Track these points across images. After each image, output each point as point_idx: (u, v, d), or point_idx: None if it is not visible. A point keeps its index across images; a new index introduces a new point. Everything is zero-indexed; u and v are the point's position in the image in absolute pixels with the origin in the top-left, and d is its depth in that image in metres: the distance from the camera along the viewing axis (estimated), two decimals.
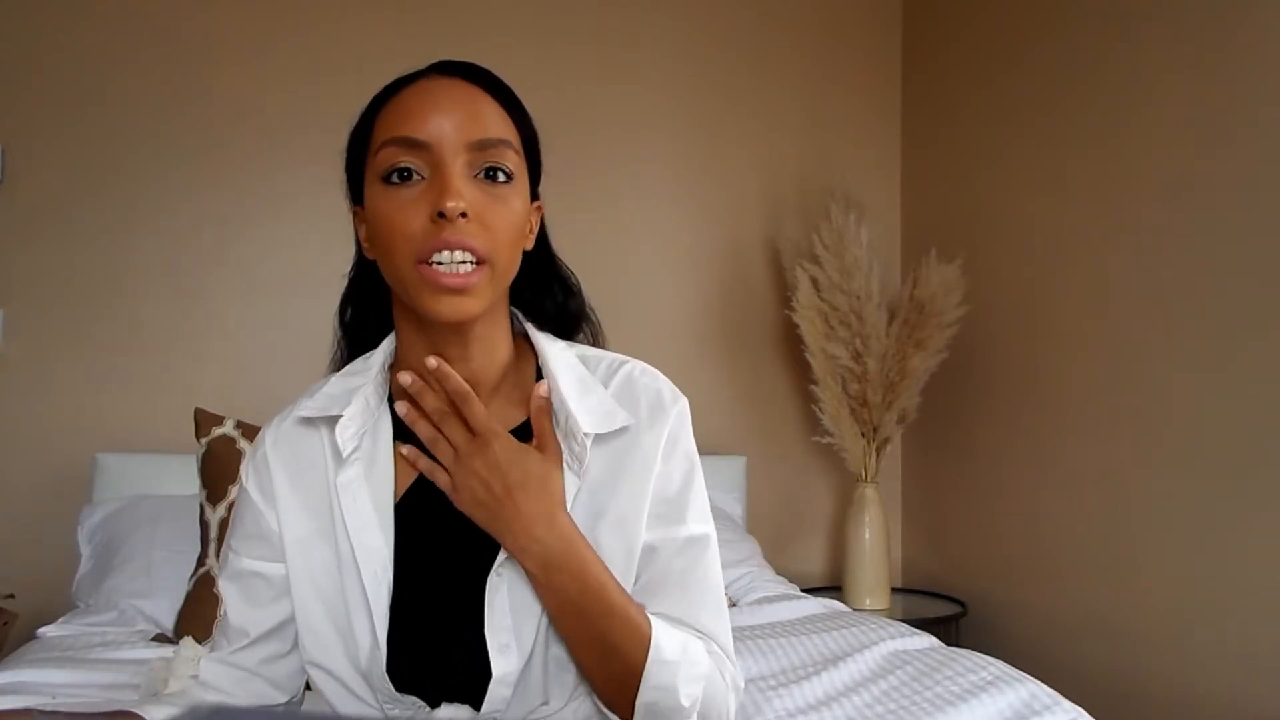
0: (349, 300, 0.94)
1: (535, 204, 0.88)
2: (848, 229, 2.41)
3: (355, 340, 0.94)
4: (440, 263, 0.75)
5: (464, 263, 0.75)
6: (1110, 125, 2.09)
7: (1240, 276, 1.78)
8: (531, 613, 0.81)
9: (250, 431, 1.84)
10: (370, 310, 0.92)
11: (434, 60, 0.85)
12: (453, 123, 0.77)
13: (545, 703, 0.83)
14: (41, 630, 1.70)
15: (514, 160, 0.80)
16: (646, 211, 2.59)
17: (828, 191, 2.60)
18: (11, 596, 1.85)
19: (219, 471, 1.79)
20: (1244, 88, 1.78)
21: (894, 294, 2.55)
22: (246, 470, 0.89)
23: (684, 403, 0.89)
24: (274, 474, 0.87)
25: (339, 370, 0.92)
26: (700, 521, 0.86)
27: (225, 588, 0.89)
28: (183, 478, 1.92)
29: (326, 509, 0.85)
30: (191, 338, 2.22)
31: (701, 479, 0.88)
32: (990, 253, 2.46)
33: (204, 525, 1.78)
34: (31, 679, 1.43)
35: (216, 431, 1.83)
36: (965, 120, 2.60)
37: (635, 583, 0.84)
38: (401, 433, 0.86)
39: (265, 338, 2.26)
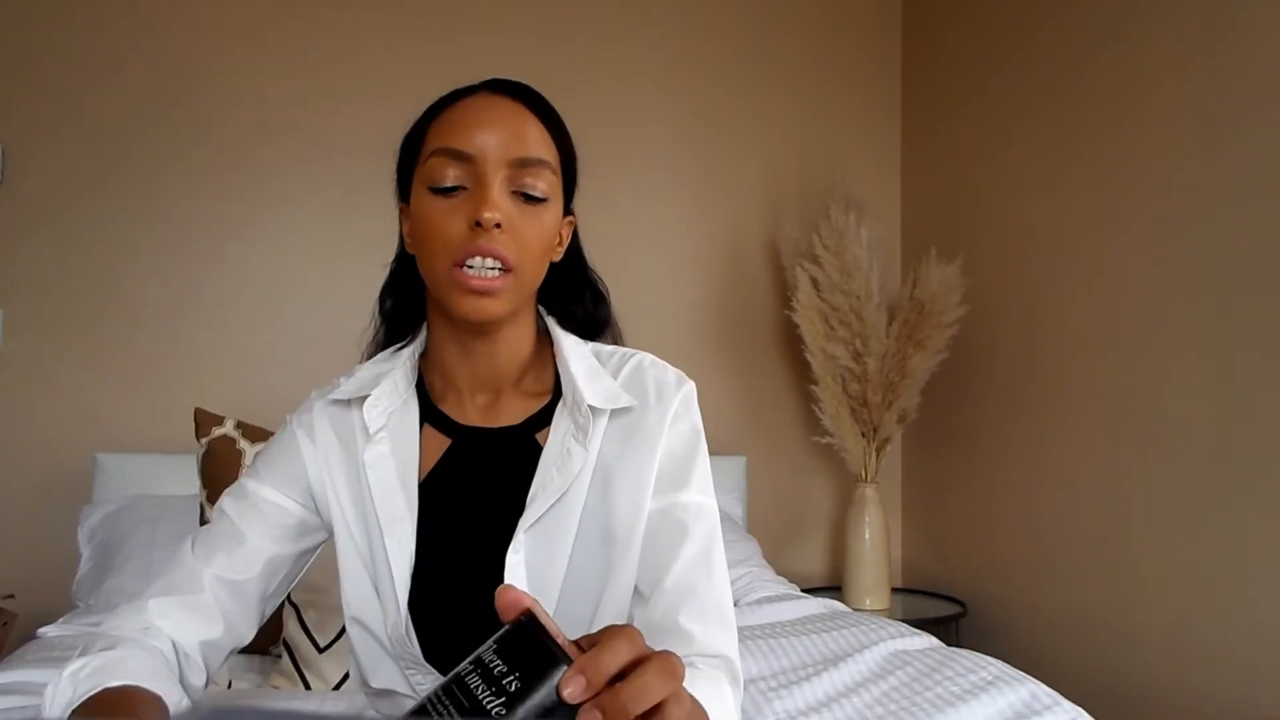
0: (389, 290, 0.99)
1: (568, 219, 0.94)
2: (848, 229, 2.41)
3: (392, 326, 1.00)
4: (472, 266, 0.81)
5: (493, 269, 0.82)
6: (1110, 125, 2.09)
7: (1240, 276, 1.78)
8: (549, 592, 0.86)
9: (250, 431, 1.84)
10: (408, 300, 0.97)
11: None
12: (498, 139, 0.84)
13: None
14: (41, 630, 1.70)
15: (550, 179, 0.86)
16: (646, 211, 2.59)
17: (828, 191, 2.60)
18: (11, 596, 1.85)
19: (219, 471, 1.79)
20: (1244, 87, 1.78)
21: (894, 294, 2.55)
22: (296, 419, 0.95)
23: (690, 385, 0.94)
24: (320, 433, 0.93)
25: (376, 350, 0.99)
26: (702, 492, 0.90)
27: (229, 505, 0.92)
28: (183, 478, 1.92)
29: (359, 483, 0.90)
30: (191, 338, 2.22)
31: (705, 454, 0.92)
32: (990, 253, 2.46)
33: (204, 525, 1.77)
34: (31, 679, 1.42)
35: (216, 431, 1.83)
36: (965, 120, 2.60)
37: (642, 548, 0.87)
38: (428, 414, 0.92)
39: (265, 338, 2.26)
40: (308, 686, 1.50)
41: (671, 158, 2.63)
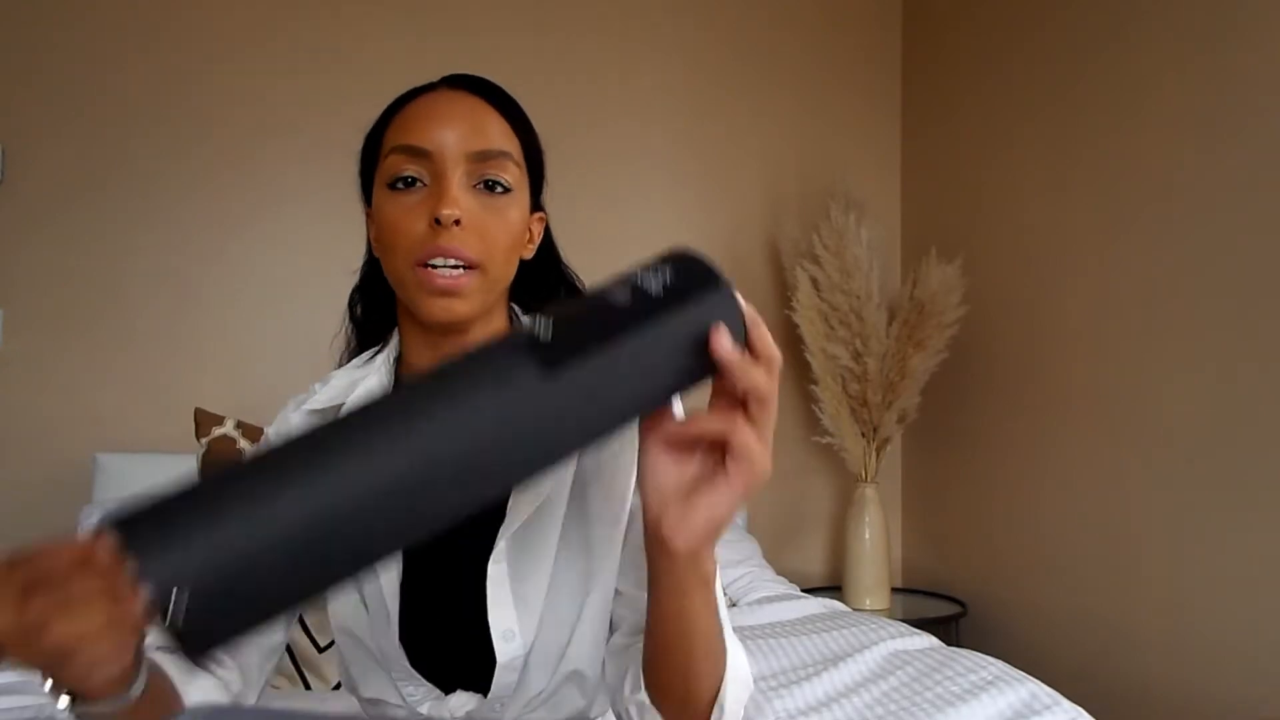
0: (359, 294, 0.98)
1: (537, 214, 0.91)
2: (848, 229, 2.41)
3: (364, 332, 0.98)
4: (435, 266, 0.79)
5: (456, 267, 0.79)
6: (1110, 124, 2.09)
7: (1240, 276, 1.78)
8: (534, 599, 0.84)
9: (250, 431, 1.84)
10: (378, 304, 0.95)
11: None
12: (456, 134, 0.81)
13: (542, 690, 0.86)
14: None
15: (513, 172, 0.83)
16: (646, 211, 2.59)
17: (828, 191, 2.60)
18: None
19: None
20: (1246, 86, 1.78)
21: (894, 294, 2.55)
22: (274, 431, 0.93)
23: None
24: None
25: (350, 357, 0.97)
26: None
27: None
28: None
29: None
30: (191, 338, 2.22)
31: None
32: (990, 253, 2.46)
33: None
34: (32, 679, 1.43)
35: (216, 431, 1.83)
36: (965, 120, 2.60)
37: (633, 549, 0.85)
38: None
39: (265, 338, 2.26)
40: (308, 686, 1.50)
41: (671, 158, 2.63)
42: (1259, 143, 1.75)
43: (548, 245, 0.94)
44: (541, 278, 0.95)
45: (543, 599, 0.84)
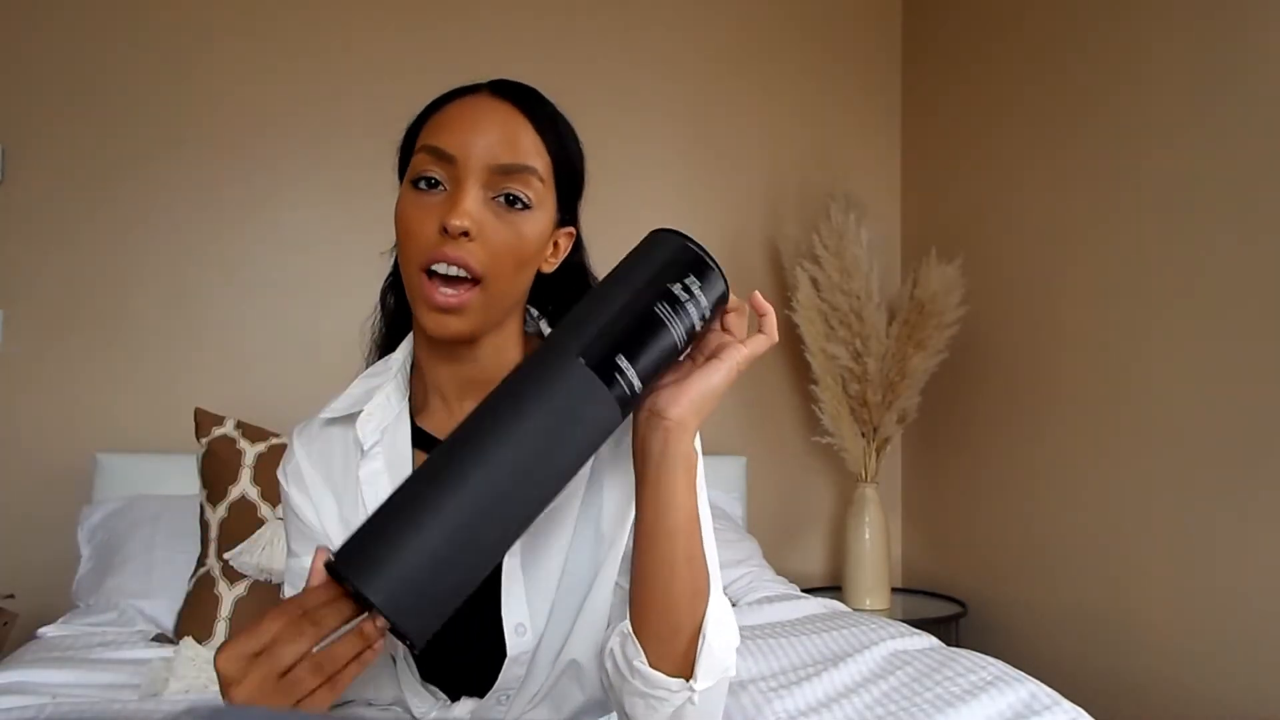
0: (392, 285, 0.98)
1: (566, 230, 0.91)
2: (848, 229, 2.41)
3: (394, 324, 0.98)
4: (437, 272, 0.79)
5: (458, 277, 0.79)
6: (1111, 125, 2.09)
7: (1241, 277, 1.78)
8: (545, 593, 0.85)
9: (250, 431, 1.84)
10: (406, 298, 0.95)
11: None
12: (484, 143, 0.81)
13: (543, 684, 0.87)
14: (41, 630, 1.70)
15: (536, 188, 0.83)
16: (646, 211, 2.59)
17: (828, 191, 2.60)
18: (11, 596, 1.86)
19: (219, 471, 1.79)
20: (1248, 83, 1.78)
21: (894, 294, 2.55)
22: (283, 476, 0.92)
23: None
24: (306, 474, 0.91)
25: (378, 347, 0.98)
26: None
27: (289, 592, 0.91)
28: (183, 478, 1.92)
29: (353, 501, 0.88)
30: (191, 338, 2.22)
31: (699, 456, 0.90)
32: (990, 253, 2.46)
33: (204, 525, 1.78)
34: (31, 679, 1.43)
35: (216, 431, 1.83)
36: (966, 120, 2.59)
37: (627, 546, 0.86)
38: (419, 436, 0.90)
39: (265, 338, 2.26)
40: None
41: (672, 158, 2.63)
42: (1260, 142, 1.75)
43: (575, 260, 0.94)
44: (566, 289, 0.95)
45: (554, 592, 0.85)
